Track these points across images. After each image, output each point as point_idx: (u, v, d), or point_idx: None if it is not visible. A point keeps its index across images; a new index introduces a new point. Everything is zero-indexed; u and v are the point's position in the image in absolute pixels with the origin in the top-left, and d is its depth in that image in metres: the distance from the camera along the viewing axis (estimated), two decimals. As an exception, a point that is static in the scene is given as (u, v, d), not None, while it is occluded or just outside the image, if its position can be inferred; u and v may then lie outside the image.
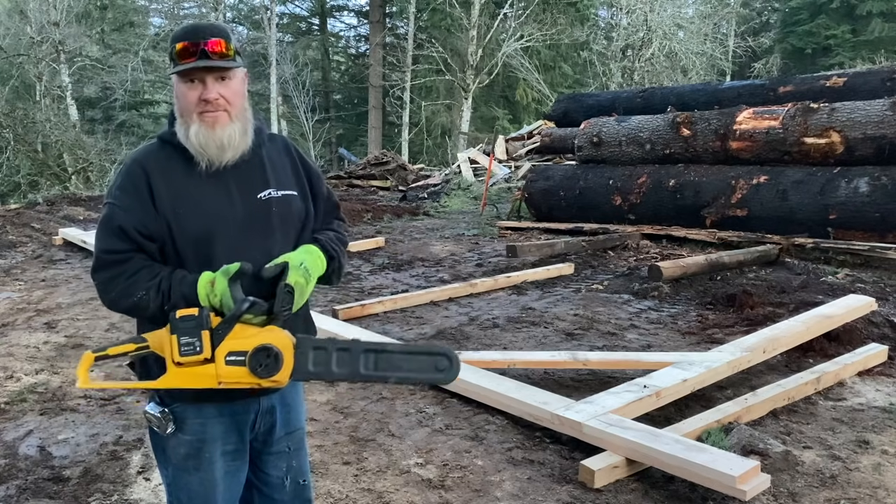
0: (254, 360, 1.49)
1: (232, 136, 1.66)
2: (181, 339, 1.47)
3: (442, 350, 1.61)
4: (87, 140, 19.33)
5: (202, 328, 1.48)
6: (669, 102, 10.97)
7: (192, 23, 1.66)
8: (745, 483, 2.64)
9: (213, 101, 1.63)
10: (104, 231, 1.66)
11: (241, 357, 1.49)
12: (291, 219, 1.76)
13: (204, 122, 1.64)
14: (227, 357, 1.49)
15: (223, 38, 1.64)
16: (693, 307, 5.73)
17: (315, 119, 24.85)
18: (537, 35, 23.15)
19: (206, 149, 1.64)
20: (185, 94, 1.64)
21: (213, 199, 1.66)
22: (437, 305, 5.88)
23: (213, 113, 1.64)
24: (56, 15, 20.93)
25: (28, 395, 3.91)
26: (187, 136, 1.64)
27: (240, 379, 1.51)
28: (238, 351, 1.49)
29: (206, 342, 1.48)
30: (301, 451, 1.91)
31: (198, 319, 1.48)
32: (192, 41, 1.61)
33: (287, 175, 1.80)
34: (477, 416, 3.60)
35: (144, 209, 1.63)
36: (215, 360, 1.49)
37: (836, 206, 7.23)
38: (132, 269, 1.63)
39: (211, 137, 1.64)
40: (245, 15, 28.71)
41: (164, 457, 1.77)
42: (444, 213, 11.68)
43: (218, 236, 1.65)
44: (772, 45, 29.16)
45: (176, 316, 1.48)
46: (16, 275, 7.11)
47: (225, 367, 1.50)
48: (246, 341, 1.50)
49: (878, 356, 4.29)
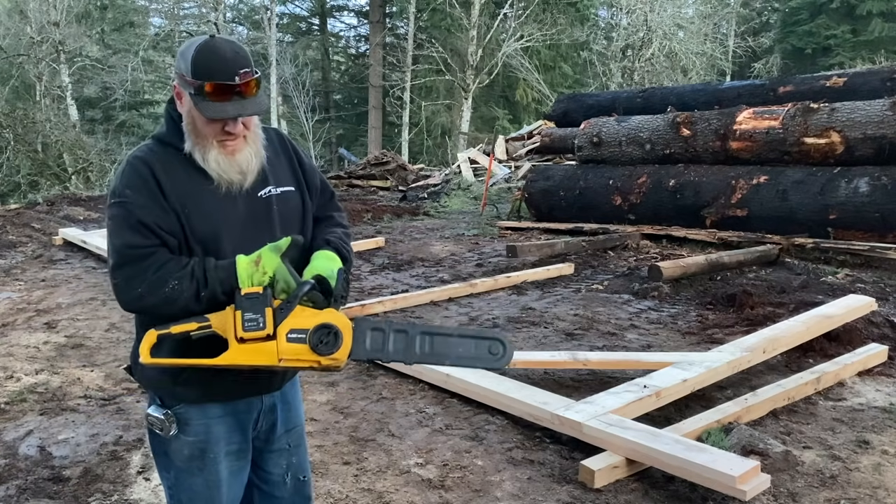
0: (315, 338, 1.51)
1: (249, 160, 1.65)
2: (245, 314, 1.49)
3: (496, 336, 1.63)
4: (87, 140, 19.33)
5: (266, 305, 1.50)
6: (669, 102, 10.97)
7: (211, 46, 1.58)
8: (745, 483, 2.64)
9: (237, 133, 1.61)
10: (122, 228, 1.59)
11: (301, 335, 1.51)
12: (292, 215, 1.76)
13: (224, 149, 1.62)
14: (289, 334, 1.51)
15: (249, 67, 1.57)
16: (693, 307, 5.73)
17: (315, 119, 24.85)
18: (537, 35, 23.15)
19: (228, 174, 1.63)
20: (206, 125, 1.59)
21: (216, 200, 1.65)
22: (437, 305, 5.88)
23: (234, 141, 1.62)
24: (56, 15, 20.93)
25: (28, 395, 3.91)
26: (205, 159, 1.62)
27: (300, 356, 1.53)
28: (299, 329, 1.51)
29: (269, 319, 1.50)
30: (301, 448, 1.91)
31: (262, 297, 1.50)
32: (225, 81, 1.54)
33: (284, 171, 1.79)
34: (477, 416, 3.60)
35: (159, 205, 1.60)
36: (277, 337, 1.51)
37: (836, 206, 7.22)
38: (158, 261, 1.58)
39: (231, 164, 1.63)
40: (245, 15, 28.72)
41: (166, 459, 1.76)
42: (444, 213, 11.68)
43: (223, 236, 1.64)
44: (772, 45, 29.17)
45: (241, 293, 1.50)
46: (16, 275, 7.11)
47: (286, 343, 1.51)
48: (307, 320, 1.52)
49: (878, 356, 4.29)
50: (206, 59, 1.56)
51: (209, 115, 1.56)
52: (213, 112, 1.55)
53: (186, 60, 1.57)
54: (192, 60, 1.56)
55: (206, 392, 1.68)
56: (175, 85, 1.63)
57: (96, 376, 4.23)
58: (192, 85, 1.55)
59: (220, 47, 1.57)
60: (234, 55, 1.58)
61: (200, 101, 1.55)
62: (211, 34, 1.61)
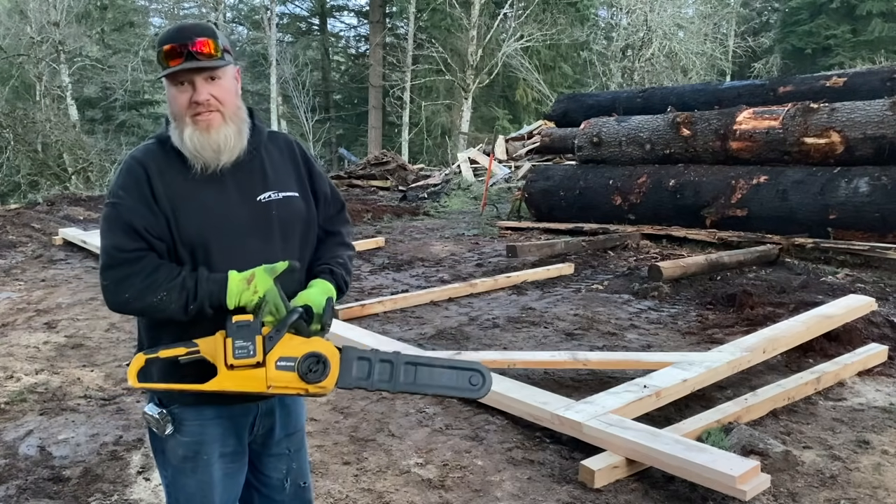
0: (303, 366, 1.54)
1: (227, 138, 1.63)
2: (236, 342, 1.51)
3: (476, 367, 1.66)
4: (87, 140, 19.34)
5: (256, 333, 1.53)
6: (669, 102, 10.97)
7: (177, 24, 1.68)
8: (745, 483, 2.64)
9: (205, 103, 1.60)
10: (113, 228, 1.60)
11: (290, 363, 1.54)
12: (293, 221, 1.73)
13: (197, 125, 1.61)
14: (278, 362, 1.54)
15: (209, 37, 1.60)
16: (693, 307, 5.73)
17: (315, 119, 24.85)
18: (537, 35, 23.15)
19: (202, 152, 1.61)
20: (176, 96, 1.61)
21: (212, 202, 1.63)
22: (437, 305, 5.88)
23: (207, 115, 1.61)
24: (56, 15, 20.93)
25: (28, 395, 3.91)
26: (182, 139, 1.61)
27: (288, 384, 1.55)
28: (288, 357, 1.54)
29: (259, 347, 1.52)
30: (301, 453, 1.90)
31: (253, 325, 1.53)
32: (179, 42, 1.58)
33: (288, 175, 1.76)
34: (477, 416, 3.60)
35: (149, 209, 1.60)
36: (266, 365, 1.53)
37: (836, 206, 7.22)
38: (148, 267, 1.58)
39: (206, 141, 1.61)
40: (245, 15, 28.72)
41: (162, 458, 1.77)
42: (444, 213, 11.68)
43: (217, 240, 1.62)
44: (772, 45, 29.17)
45: (233, 321, 1.52)
46: (16, 275, 7.11)
47: (275, 371, 1.54)
48: (295, 348, 1.55)
49: (878, 356, 4.29)
50: (168, 31, 1.63)
51: (171, 72, 1.58)
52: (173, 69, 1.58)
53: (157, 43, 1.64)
54: (158, 40, 1.63)
55: (202, 395, 1.66)
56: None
57: (96, 376, 4.23)
58: (157, 58, 1.61)
59: (183, 23, 1.65)
60: (194, 26, 1.63)
61: (165, 68, 1.59)
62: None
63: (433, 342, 4.86)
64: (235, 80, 1.69)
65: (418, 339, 4.95)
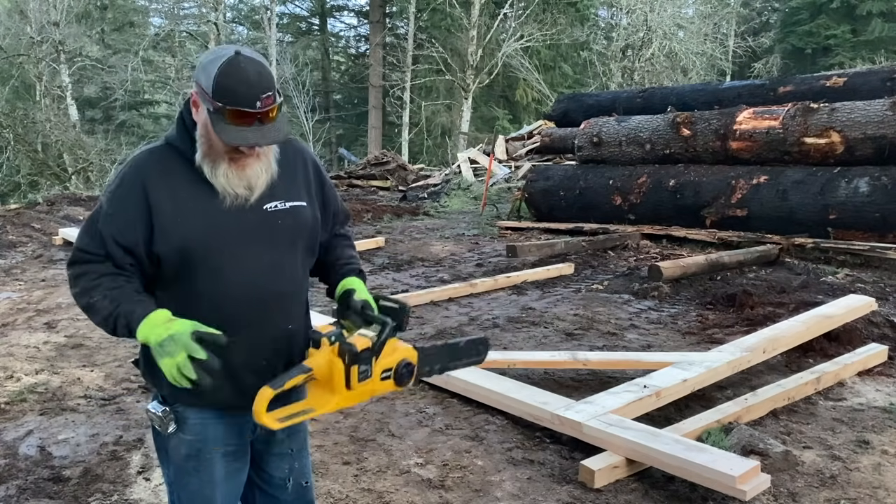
0: (398, 375, 1.71)
1: (259, 174, 1.63)
2: (360, 367, 1.63)
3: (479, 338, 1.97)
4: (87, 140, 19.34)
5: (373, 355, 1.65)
6: (669, 102, 10.96)
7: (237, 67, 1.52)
8: (745, 483, 2.64)
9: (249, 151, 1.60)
10: (86, 229, 1.67)
11: (388, 373, 1.70)
12: (299, 230, 1.73)
13: (234, 164, 1.60)
14: (382, 375, 1.69)
15: (272, 91, 1.53)
16: (693, 307, 5.73)
17: (315, 119, 24.83)
18: (537, 35, 23.15)
19: (235, 188, 1.62)
20: (220, 142, 1.56)
21: (218, 210, 1.63)
22: (437, 305, 5.88)
23: (246, 158, 1.60)
24: (56, 15, 20.93)
25: (28, 395, 3.91)
26: (213, 173, 1.60)
27: (386, 389, 1.72)
28: (387, 368, 1.69)
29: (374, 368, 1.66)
30: (303, 453, 1.91)
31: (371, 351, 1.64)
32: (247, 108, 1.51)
33: (297, 184, 1.75)
34: (477, 416, 3.60)
35: (129, 220, 1.61)
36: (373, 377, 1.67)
37: (836, 206, 7.22)
38: (98, 272, 1.63)
39: (240, 178, 1.61)
40: (245, 15, 28.72)
41: (165, 456, 1.77)
42: (444, 213, 11.68)
43: (223, 247, 1.63)
44: (772, 45, 29.17)
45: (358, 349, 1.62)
46: (16, 275, 7.11)
47: (380, 384, 1.69)
48: (388, 359, 1.69)
49: (878, 356, 4.29)
50: (229, 80, 1.51)
51: (227, 139, 1.53)
52: (230, 138, 1.53)
53: (209, 77, 1.52)
54: (214, 79, 1.51)
55: (204, 399, 1.67)
56: (193, 93, 1.59)
57: (96, 376, 4.23)
58: (212, 104, 1.52)
59: (244, 69, 1.52)
60: (257, 78, 1.53)
61: (218, 122, 1.52)
62: (236, 51, 1.54)
63: (433, 342, 4.86)
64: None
65: (418, 338, 4.94)
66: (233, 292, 1.64)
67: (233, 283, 1.64)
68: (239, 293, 1.64)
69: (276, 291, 1.70)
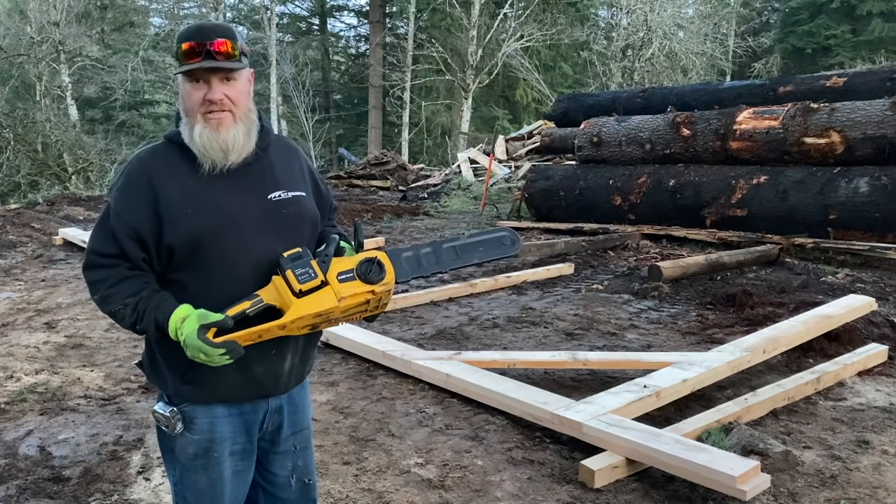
0: (361, 269, 1.64)
1: (236, 138, 1.66)
2: (296, 270, 1.59)
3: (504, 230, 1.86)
4: (87, 140, 19.35)
5: (310, 258, 1.62)
6: (669, 102, 10.97)
7: (198, 23, 1.74)
8: (745, 483, 2.64)
9: (218, 102, 1.63)
10: (98, 230, 1.67)
11: (349, 273, 1.64)
12: (302, 219, 1.76)
13: (208, 123, 1.63)
14: (339, 276, 1.64)
15: (229, 38, 1.63)
16: (693, 307, 5.73)
17: (315, 119, 24.85)
18: (537, 35, 23.15)
19: (210, 150, 1.64)
20: (190, 93, 1.64)
21: (225, 200, 1.66)
22: (437, 305, 5.88)
23: (219, 114, 1.64)
24: (56, 15, 20.93)
25: (28, 395, 3.91)
26: (192, 136, 1.64)
27: (355, 290, 1.64)
28: (345, 269, 1.65)
29: (318, 269, 1.61)
30: (307, 451, 1.92)
31: (304, 254, 1.62)
32: (198, 41, 1.61)
33: (295, 176, 1.80)
34: (477, 416, 3.60)
35: (139, 214, 1.62)
36: (329, 282, 1.62)
37: (836, 206, 7.23)
38: (115, 277, 1.65)
39: (215, 139, 1.64)
40: (245, 15, 28.73)
41: (171, 456, 1.77)
42: (444, 213, 11.68)
43: (230, 237, 1.65)
44: (772, 45, 29.17)
45: (284, 255, 1.60)
46: (16, 275, 7.11)
47: (339, 284, 1.63)
48: (348, 262, 1.66)
49: (878, 356, 4.29)
50: (188, 29, 1.66)
51: (189, 70, 1.61)
52: (183, 68, 1.62)
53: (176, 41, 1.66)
54: (177, 38, 1.65)
55: (212, 392, 1.69)
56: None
57: (96, 376, 4.23)
58: (175, 54, 1.64)
59: (204, 22, 1.68)
60: (215, 26, 1.66)
61: (183, 65, 1.62)
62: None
63: (433, 342, 4.86)
64: (249, 83, 1.72)
65: (418, 338, 4.94)
66: (242, 281, 1.65)
67: (242, 272, 1.66)
68: (248, 282, 1.66)
69: None
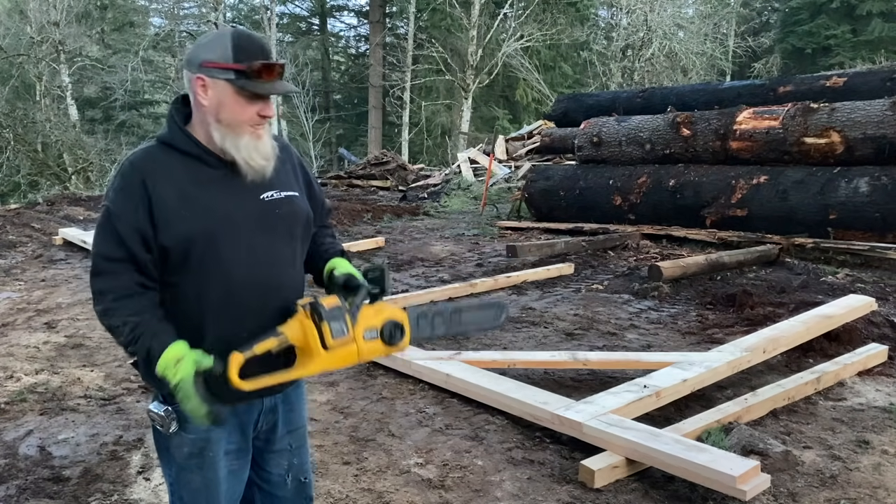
0: (386, 333, 1.69)
1: (271, 146, 1.71)
2: (332, 325, 1.61)
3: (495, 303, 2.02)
4: (87, 140, 19.37)
5: (345, 312, 1.64)
6: (669, 102, 10.97)
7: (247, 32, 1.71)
8: (745, 483, 2.64)
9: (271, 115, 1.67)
10: (102, 233, 1.64)
11: (374, 333, 1.69)
12: (295, 219, 1.77)
13: (254, 135, 1.66)
14: (365, 335, 1.67)
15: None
16: (693, 307, 5.73)
17: (315, 119, 24.84)
18: (537, 35, 23.15)
19: (255, 160, 1.66)
20: (244, 108, 1.63)
21: (219, 202, 1.65)
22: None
23: (262, 128, 1.68)
24: (56, 15, 20.93)
25: (28, 395, 3.91)
26: (237, 146, 1.64)
27: (376, 350, 1.70)
28: (371, 328, 1.68)
29: (349, 323, 1.64)
30: (302, 449, 1.92)
31: (342, 308, 1.64)
32: (270, 61, 1.63)
33: (288, 176, 1.80)
34: (477, 416, 3.60)
35: (139, 215, 1.61)
36: (356, 340, 1.66)
37: (836, 206, 7.22)
38: (121, 290, 1.62)
39: (259, 149, 1.66)
40: (245, 15, 28.71)
41: (167, 455, 1.77)
42: (444, 213, 11.68)
43: (225, 238, 1.64)
44: (772, 45, 29.17)
45: (325, 306, 1.62)
46: (16, 275, 7.11)
47: (364, 343, 1.67)
48: (373, 319, 1.69)
49: (878, 356, 4.29)
50: (248, 43, 1.63)
51: (262, 91, 1.62)
52: (265, 89, 1.62)
53: (224, 49, 1.60)
54: (232, 48, 1.61)
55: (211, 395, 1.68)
56: (197, 78, 1.62)
57: (96, 376, 4.24)
58: (234, 69, 1.60)
59: (252, 35, 1.69)
60: (263, 41, 1.71)
61: (248, 82, 1.60)
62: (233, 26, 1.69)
63: (433, 341, 4.86)
64: None
65: (418, 339, 4.94)
66: (237, 282, 1.65)
67: (236, 272, 1.65)
68: (243, 283, 1.66)
69: (278, 281, 1.72)
